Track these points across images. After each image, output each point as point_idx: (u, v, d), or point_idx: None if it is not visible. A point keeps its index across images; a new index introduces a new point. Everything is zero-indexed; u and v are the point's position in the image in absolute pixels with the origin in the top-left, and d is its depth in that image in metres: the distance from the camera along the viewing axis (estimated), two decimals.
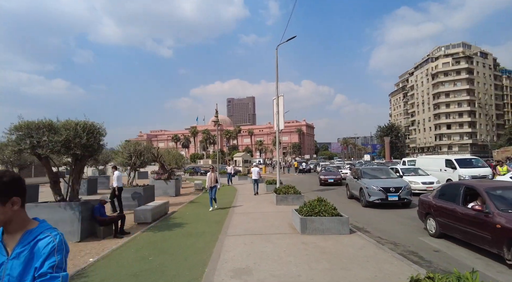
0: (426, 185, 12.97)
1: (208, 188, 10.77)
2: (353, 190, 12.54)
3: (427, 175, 14.31)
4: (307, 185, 21.31)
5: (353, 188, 12.53)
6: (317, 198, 7.23)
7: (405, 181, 11.40)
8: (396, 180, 11.33)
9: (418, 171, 14.94)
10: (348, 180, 13.87)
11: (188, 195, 15.88)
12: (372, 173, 12.16)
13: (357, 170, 12.97)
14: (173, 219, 8.91)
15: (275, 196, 11.06)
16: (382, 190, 10.23)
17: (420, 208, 7.32)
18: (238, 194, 15.20)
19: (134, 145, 11.26)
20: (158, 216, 9.04)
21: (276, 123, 15.65)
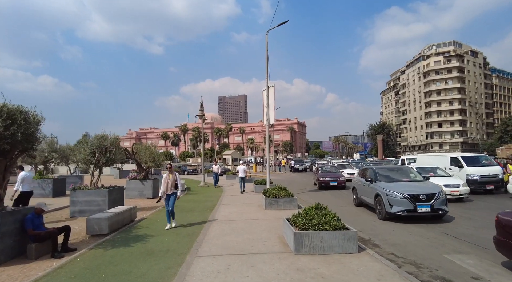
0: (450, 189, 10.60)
1: (163, 197, 7.39)
2: (363, 196, 9.94)
3: (449, 176, 11.81)
4: (300, 185, 19.86)
5: (363, 193, 9.94)
6: (315, 205, 5.70)
7: (438, 186, 8.59)
8: (425, 184, 8.61)
9: (437, 171, 12.17)
10: (356, 183, 11.07)
11: None
12: (389, 174, 9.50)
13: (369, 170, 10.20)
14: (137, 229, 7.25)
15: (264, 199, 9.50)
16: (408, 198, 7.62)
17: (502, 233, 4.41)
18: (223, 196, 13.60)
19: (98, 139, 9.53)
20: (120, 225, 7.36)
21: (266, 117, 14.08)
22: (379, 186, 8.61)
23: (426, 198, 7.61)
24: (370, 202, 9.14)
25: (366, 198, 9.60)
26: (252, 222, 7.56)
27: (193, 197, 13.64)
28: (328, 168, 18.98)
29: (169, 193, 7.35)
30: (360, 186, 10.41)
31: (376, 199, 8.55)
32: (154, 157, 13.83)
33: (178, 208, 10.37)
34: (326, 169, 18.72)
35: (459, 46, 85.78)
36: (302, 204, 10.47)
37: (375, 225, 7.68)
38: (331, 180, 16.24)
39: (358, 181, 10.77)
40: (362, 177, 10.53)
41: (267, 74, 14.29)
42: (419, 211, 7.54)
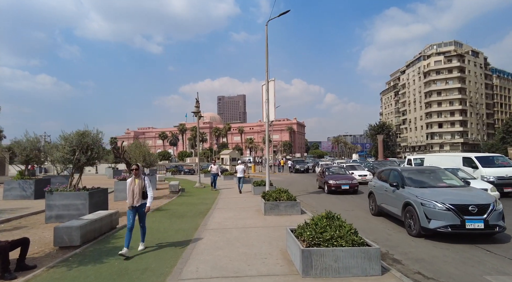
0: None
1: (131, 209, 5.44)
2: (385, 204, 8.05)
3: (473, 179, 10.27)
4: (301, 186, 18.87)
5: (385, 200, 8.03)
6: (326, 213, 4.71)
7: (489, 194, 6.76)
8: (470, 191, 6.67)
9: (458, 173, 10.37)
10: (374, 187, 9.05)
11: (159, 199, 13.18)
12: (420, 177, 7.47)
13: (392, 172, 8.24)
14: (116, 239, 6.25)
15: (263, 203, 8.50)
16: (453, 209, 5.78)
17: None
18: (219, 199, 12.60)
19: (78, 136, 8.51)
20: (97, 234, 6.35)
21: (266, 114, 13.09)
22: (409, 193, 6.72)
23: (477, 211, 5.76)
24: (396, 212, 7.27)
25: (390, 207, 7.71)
26: (249, 231, 6.56)
27: (186, 200, 12.63)
28: (335, 169, 16.73)
29: (135, 205, 5.29)
30: (380, 192, 8.44)
31: (406, 210, 6.70)
32: (145, 156, 12.84)
33: (168, 212, 9.40)
34: (334, 170, 16.42)
35: (460, 46, 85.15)
36: (306, 209, 9.49)
37: (390, 235, 6.68)
38: (343, 183, 14.10)
39: (378, 186, 8.75)
40: (382, 181, 8.65)
41: (267, 68, 13.31)
42: (468, 227, 5.66)
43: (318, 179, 17.33)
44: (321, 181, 16.00)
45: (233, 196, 13.34)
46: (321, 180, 16.24)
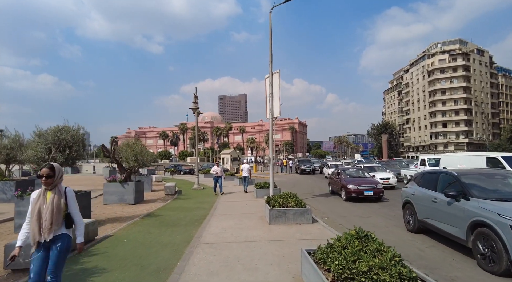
0: None
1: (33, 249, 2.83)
2: (433, 219, 5.96)
3: None
4: (305, 188, 17.67)
5: (434, 215, 5.96)
6: (356, 232, 3.52)
7: None
8: None
9: None
10: (412, 195, 6.88)
11: (153, 203, 12.02)
12: (490, 185, 5.45)
13: (443, 176, 6.17)
14: (88, 257, 5.07)
15: (268, 210, 7.31)
16: None
17: None
18: (218, 203, 11.41)
19: (55, 132, 7.35)
20: None
21: (270, 109, 11.91)
22: (481, 208, 4.68)
23: None
24: (455, 233, 5.25)
25: (442, 225, 5.63)
26: (253, 246, 5.37)
27: (182, 203, 11.46)
28: (353, 171, 14.19)
29: (42, 240, 2.81)
30: (423, 203, 6.32)
31: (477, 233, 4.69)
32: (137, 155, 11.66)
33: (159, 219, 8.23)
34: (352, 173, 13.90)
35: (465, 44, 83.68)
36: (315, 215, 8.31)
37: (452, 265, 4.87)
38: (366, 188, 11.74)
39: (419, 194, 6.59)
40: (423, 187, 6.54)
41: (271, 58, 12.12)
42: None
43: (331, 183, 14.68)
44: (336, 185, 13.60)
45: (233, 199, 12.16)
46: (336, 184, 13.77)
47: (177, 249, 5.40)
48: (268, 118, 12.24)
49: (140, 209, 10.50)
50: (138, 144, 12.06)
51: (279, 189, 12.36)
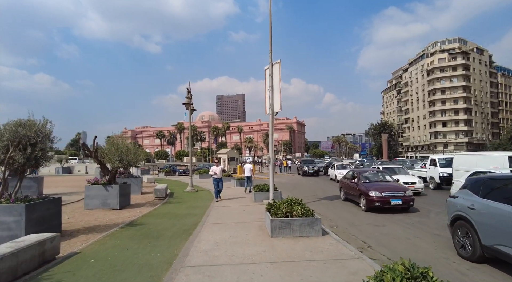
0: None
1: None
2: None
3: None
4: (307, 190, 16.51)
5: None
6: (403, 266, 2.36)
7: None
8: None
9: None
10: (470, 210, 4.98)
11: (140, 207, 10.82)
12: None
13: None
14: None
15: (269, 219, 6.13)
16: None
17: None
18: (212, 207, 10.22)
19: (14, 127, 6.15)
20: (9, 278, 4.00)
21: (269, 103, 10.75)
22: None
23: None
24: None
25: None
26: (250, 272, 4.19)
27: (172, 209, 10.27)
28: (372, 174, 11.57)
29: None
30: (495, 221, 4.46)
31: None
32: (121, 155, 10.44)
33: (141, 229, 7.04)
34: (371, 176, 11.30)
35: (464, 43, 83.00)
36: (325, 224, 7.15)
37: None
38: (393, 196, 9.26)
39: (483, 209, 4.74)
40: (494, 200, 4.62)
41: (270, 48, 10.96)
42: None
43: (344, 188, 12.02)
44: (352, 191, 11.07)
45: (229, 204, 10.97)
46: (351, 189, 11.20)
47: (154, 274, 4.21)
48: (267, 114, 11.07)
49: (124, 215, 9.30)
50: (124, 143, 10.83)
51: (280, 192, 11.22)
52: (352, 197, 11.19)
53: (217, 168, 12.04)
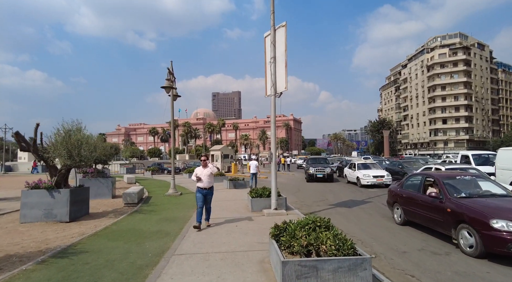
0: None
1: None
2: None
3: None
4: (314, 193, 13.76)
5: None
6: None
7: None
8: None
9: None
10: None
11: (99, 219, 8.11)
12: None
13: None
14: None
15: (279, 261, 3.45)
16: None
17: None
18: (193, 221, 7.53)
19: None
20: None
21: (271, 81, 8.09)
22: None
23: None
24: None
25: None
26: None
27: (138, 222, 7.55)
28: (465, 182, 6.46)
29: None
30: None
31: None
32: (71, 150, 7.68)
33: (69, 267, 4.22)
34: (464, 186, 6.25)
35: (465, 38, 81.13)
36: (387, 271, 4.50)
37: None
38: None
39: None
40: None
41: (273, 7, 8.27)
42: None
43: (405, 204, 7.16)
44: (430, 212, 6.15)
45: (217, 215, 8.29)
46: (425, 209, 6.33)
47: None
48: (268, 95, 8.41)
49: (70, 232, 6.60)
50: (76, 134, 8.04)
51: (285, 199, 8.58)
52: (429, 222, 6.26)
53: (204, 170, 6.80)
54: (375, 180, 14.78)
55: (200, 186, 6.66)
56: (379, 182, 14.75)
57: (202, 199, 6.62)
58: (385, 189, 13.15)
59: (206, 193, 6.70)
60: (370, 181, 14.79)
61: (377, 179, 14.79)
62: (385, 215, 8.43)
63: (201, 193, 6.65)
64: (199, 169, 6.84)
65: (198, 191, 6.67)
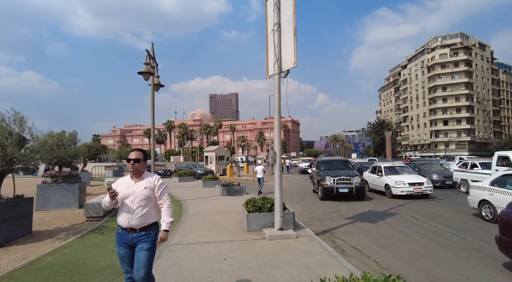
0: None
1: None
2: None
3: None
4: (322, 205, 11.55)
5: None
6: None
7: None
8: None
9: None
10: None
11: (39, 242, 5.95)
12: None
13: None
14: None
15: None
16: None
17: None
18: (164, 249, 5.38)
19: None
20: None
21: (275, 55, 6.01)
22: None
23: None
24: None
25: None
26: None
27: (93, 246, 5.39)
28: None
29: None
30: None
31: None
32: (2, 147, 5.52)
33: None
34: None
35: (466, 38, 79.88)
36: None
37: None
38: None
39: None
40: None
41: None
42: None
43: None
44: None
45: (201, 238, 6.14)
46: None
47: None
48: (270, 76, 6.32)
49: None
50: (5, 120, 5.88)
51: (293, 213, 6.45)
52: None
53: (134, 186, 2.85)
54: (412, 188, 11.31)
55: (121, 224, 2.79)
56: (417, 191, 11.29)
57: (127, 259, 2.79)
58: (415, 200, 11.09)
59: (135, 242, 2.76)
60: (405, 190, 11.34)
61: (414, 188, 11.32)
62: (420, 232, 6.36)
63: (123, 242, 2.79)
64: (123, 182, 2.91)
65: (117, 238, 2.84)
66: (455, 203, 10.54)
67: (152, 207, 2.85)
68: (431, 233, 6.45)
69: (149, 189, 2.82)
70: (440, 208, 9.52)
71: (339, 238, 6.11)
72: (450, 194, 12.71)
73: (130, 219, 2.73)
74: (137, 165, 2.83)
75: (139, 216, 2.75)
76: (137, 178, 2.87)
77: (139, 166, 2.85)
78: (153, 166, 10.74)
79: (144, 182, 2.85)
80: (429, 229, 6.85)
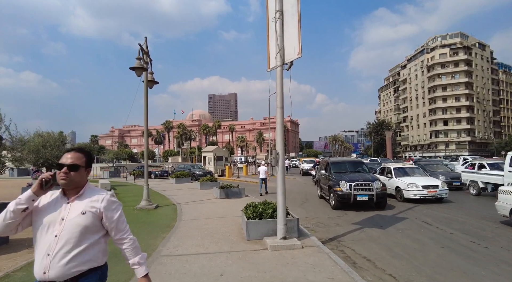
0: None
1: None
2: None
3: None
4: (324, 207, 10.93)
5: None
6: None
7: None
8: None
9: None
10: None
11: (19, 251, 5.34)
12: None
13: None
14: None
15: None
16: None
17: None
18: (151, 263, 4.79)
19: None
20: None
21: (277, 45, 5.43)
22: None
23: None
24: None
25: None
26: None
27: None
28: None
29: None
30: None
31: None
32: None
33: None
34: None
35: (466, 38, 79.61)
36: None
37: None
38: None
39: None
40: None
41: None
42: None
43: None
44: None
45: (194, 249, 5.56)
46: None
47: None
48: (272, 68, 5.75)
49: None
50: None
51: (296, 220, 5.86)
52: None
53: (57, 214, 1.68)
54: (426, 191, 10.37)
55: (36, 274, 1.60)
56: (431, 195, 10.37)
57: None
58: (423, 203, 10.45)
59: None
60: (418, 193, 10.41)
61: (429, 191, 10.37)
62: (435, 239, 5.78)
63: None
64: (48, 200, 1.72)
65: None
66: (467, 206, 9.98)
67: (92, 245, 1.69)
68: (448, 241, 5.88)
69: (89, 216, 1.68)
70: (451, 212, 8.94)
71: (348, 247, 5.54)
72: (459, 196, 12.15)
73: (47, 266, 1.56)
74: (73, 174, 1.68)
75: (65, 261, 1.58)
76: (72, 196, 1.72)
77: (77, 177, 1.70)
78: (146, 167, 10.15)
79: (84, 203, 1.70)
80: (445, 236, 6.28)
